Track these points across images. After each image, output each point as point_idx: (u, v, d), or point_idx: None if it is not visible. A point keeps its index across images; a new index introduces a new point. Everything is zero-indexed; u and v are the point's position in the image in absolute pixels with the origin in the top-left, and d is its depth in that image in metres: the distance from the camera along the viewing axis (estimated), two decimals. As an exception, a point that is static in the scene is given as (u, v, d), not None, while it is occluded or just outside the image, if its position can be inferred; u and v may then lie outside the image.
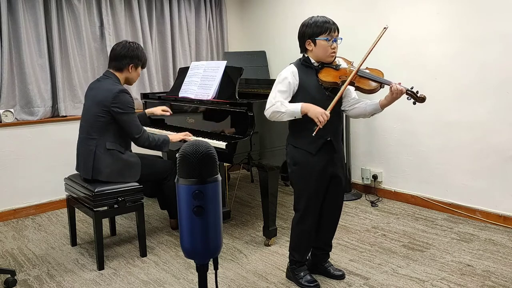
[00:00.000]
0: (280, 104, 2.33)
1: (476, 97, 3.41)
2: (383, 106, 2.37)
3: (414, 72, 3.70)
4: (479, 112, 3.41)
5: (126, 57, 3.00)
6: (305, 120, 2.32)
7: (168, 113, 3.48)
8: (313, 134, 2.27)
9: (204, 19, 5.05)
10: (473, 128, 3.46)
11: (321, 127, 2.25)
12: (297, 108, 2.30)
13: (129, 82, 3.12)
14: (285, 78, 2.36)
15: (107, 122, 2.93)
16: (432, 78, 3.64)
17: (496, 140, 3.34)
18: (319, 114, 2.24)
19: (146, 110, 3.57)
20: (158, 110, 3.48)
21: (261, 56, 5.06)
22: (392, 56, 3.87)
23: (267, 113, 2.39)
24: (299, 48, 2.47)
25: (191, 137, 3.23)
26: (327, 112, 2.26)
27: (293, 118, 2.35)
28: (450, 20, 3.50)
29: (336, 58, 2.44)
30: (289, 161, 2.52)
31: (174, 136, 3.19)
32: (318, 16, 2.39)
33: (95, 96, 2.97)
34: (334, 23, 2.37)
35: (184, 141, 3.17)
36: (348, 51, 2.34)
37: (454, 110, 3.55)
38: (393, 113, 3.91)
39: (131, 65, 3.03)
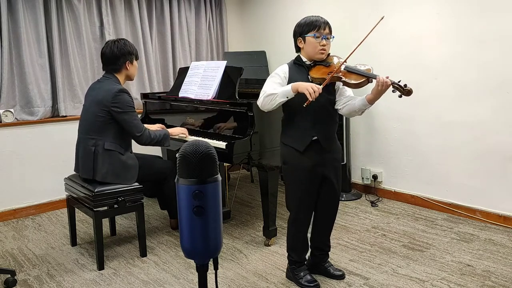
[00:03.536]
0: (271, 89, 2.35)
1: (476, 97, 3.41)
2: (370, 100, 2.33)
3: (414, 72, 3.69)
4: (479, 112, 3.40)
5: (119, 57, 3.01)
6: (296, 114, 2.35)
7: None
8: (304, 105, 2.23)
9: (204, 19, 5.05)
10: (473, 128, 3.45)
11: (312, 99, 2.21)
12: (288, 87, 2.31)
13: (129, 78, 3.14)
14: (276, 73, 2.42)
15: (106, 122, 2.93)
16: (432, 78, 3.64)
17: (496, 140, 3.34)
18: (309, 86, 2.23)
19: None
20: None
21: (261, 56, 5.06)
22: (392, 56, 3.87)
23: (260, 101, 2.39)
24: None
25: (186, 134, 3.32)
26: (320, 87, 2.23)
27: (286, 98, 2.32)
28: (450, 20, 3.50)
29: (333, 57, 2.44)
30: (281, 160, 2.55)
31: (173, 130, 3.27)
32: (312, 15, 2.41)
33: (96, 96, 2.98)
34: (325, 21, 2.38)
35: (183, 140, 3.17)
36: (348, 51, 2.34)
37: (454, 110, 3.55)
38: (393, 113, 3.91)
39: (126, 62, 3.04)
